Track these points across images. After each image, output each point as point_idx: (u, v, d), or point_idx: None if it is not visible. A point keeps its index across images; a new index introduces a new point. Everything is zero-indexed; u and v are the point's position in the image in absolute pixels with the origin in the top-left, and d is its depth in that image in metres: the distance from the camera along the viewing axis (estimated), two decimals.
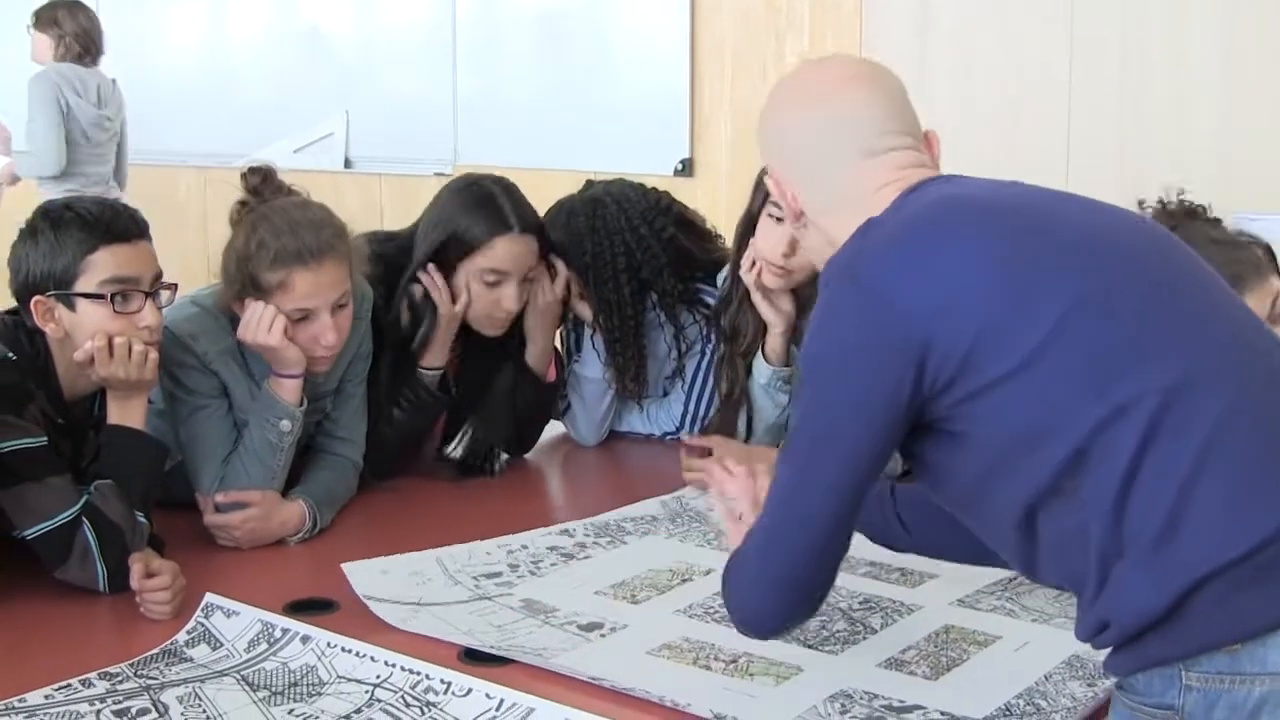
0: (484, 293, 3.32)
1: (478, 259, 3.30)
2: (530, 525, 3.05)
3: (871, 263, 1.98)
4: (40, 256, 2.69)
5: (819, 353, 2.01)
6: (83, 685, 2.27)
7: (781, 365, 3.39)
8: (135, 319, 2.71)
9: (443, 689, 2.21)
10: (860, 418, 1.97)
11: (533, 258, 3.35)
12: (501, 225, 3.30)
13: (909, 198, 2.06)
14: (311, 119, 6.33)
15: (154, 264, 2.77)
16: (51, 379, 2.74)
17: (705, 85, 5.19)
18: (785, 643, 2.43)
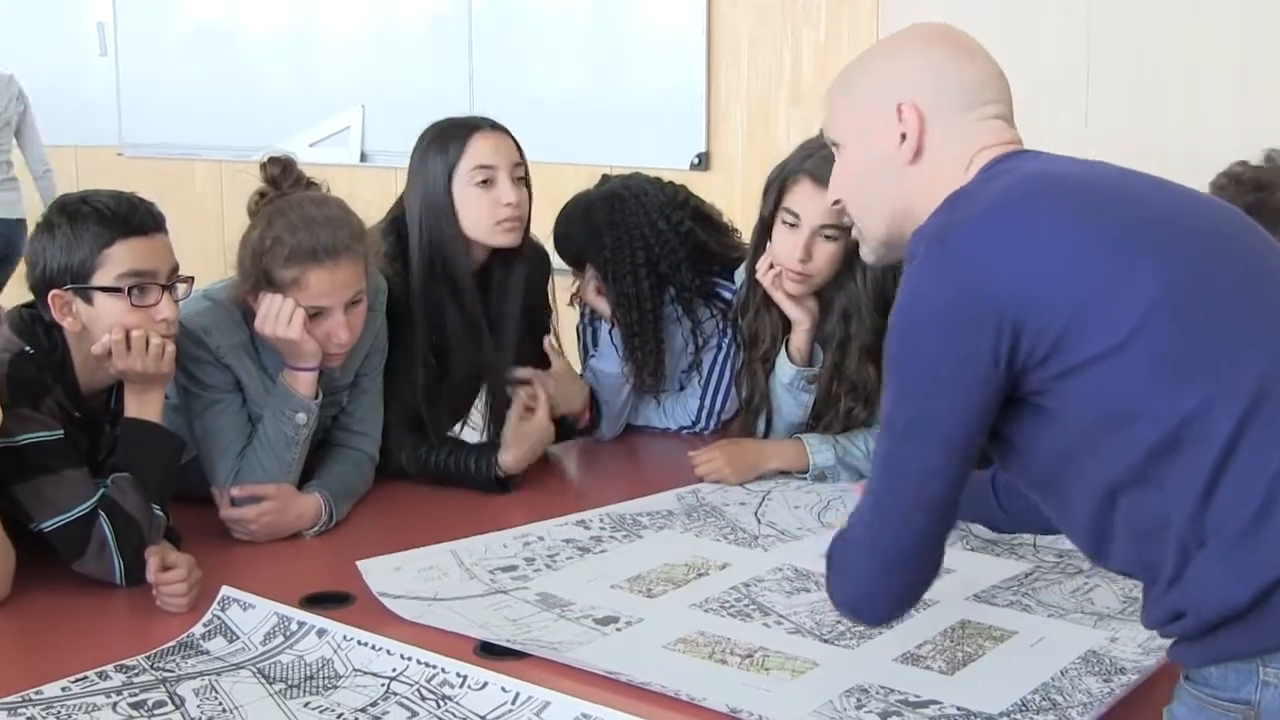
0: (478, 198, 3.31)
1: (461, 165, 3.31)
2: (546, 517, 3.05)
3: (964, 233, 1.94)
4: (57, 250, 2.70)
5: (911, 325, 1.96)
6: (99, 678, 2.28)
7: (805, 364, 3.39)
8: (152, 312, 2.72)
9: (458, 682, 2.22)
10: (957, 390, 1.93)
11: (515, 153, 3.35)
12: (472, 127, 3.34)
13: (997, 169, 2.04)
14: (327, 113, 6.33)
15: (170, 257, 2.77)
16: (68, 373, 2.75)
17: (721, 79, 5.18)
18: (801, 637, 2.43)
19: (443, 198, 3.31)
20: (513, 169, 3.33)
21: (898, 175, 2.10)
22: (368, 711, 2.18)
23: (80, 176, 7.08)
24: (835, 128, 2.22)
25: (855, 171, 2.18)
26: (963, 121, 2.08)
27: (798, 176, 3.25)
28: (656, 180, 3.71)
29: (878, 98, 2.12)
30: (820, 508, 3.14)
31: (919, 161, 2.08)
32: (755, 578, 2.72)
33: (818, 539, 2.87)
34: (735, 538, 2.96)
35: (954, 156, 2.07)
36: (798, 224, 3.25)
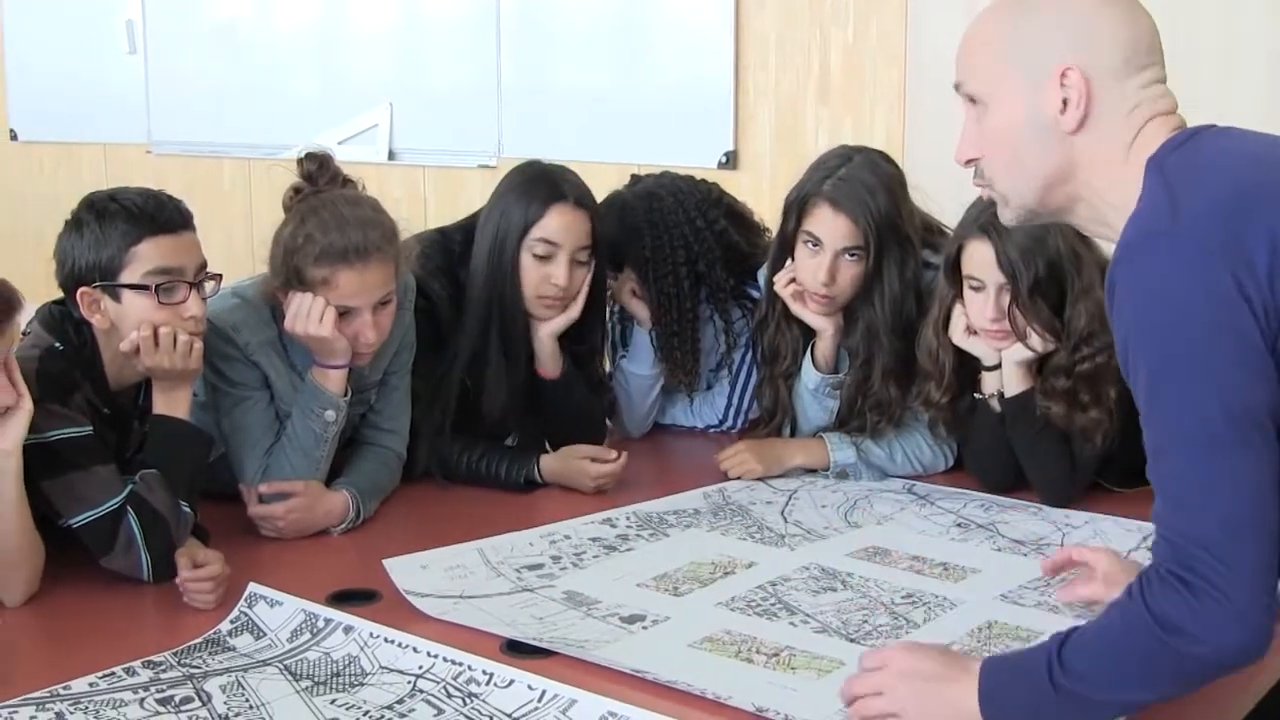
0: (534, 267, 3.29)
1: (531, 231, 3.27)
2: (572, 516, 3.05)
3: (1188, 219, 1.82)
4: (85, 248, 2.71)
5: (1163, 325, 1.81)
6: (126, 674, 2.29)
7: (830, 371, 3.39)
8: (179, 310, 2.72)
9: (485, 680, 2.22)
10: (1243, 358, 1.78)
11: (585, 236, 3.32)
12: (555, 195, 3.29)
13: (1197, 147, 1.94)
14: (355, 111, 6.33)
15: (198, 254, 2.77)
16: (97, 369, 2.76)
17: (749, 77, 5.17)
18: (827, 636, 2.43)
19: (512, 254, 3.29)
20: (576, 251, 3.30)
21: (1057, 143, 1.99)
22: (394, 709, 2.18)
23: (109, 174, 7.09)
24: (975, 82, 2.07)
25: (1001, 133, 2.04)
26: (1130, 87, 1.98)
27: (817, 200, 3.25)
28: (690, 178, 3.70)
29: (1034, 57, 1.99)
30: (847, 507, 3.14)
31: (1082, 130, 1.98)
32: (782, 576, 2.72)
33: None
34: (762, 536, 2.96)
35: (1122, 125, 1.97)
36: (820, 247, 3.26)
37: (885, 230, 3.24)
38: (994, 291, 3.02)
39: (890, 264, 3.27)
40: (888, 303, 3.28)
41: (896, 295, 3.28)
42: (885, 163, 3.31)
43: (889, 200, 3.24)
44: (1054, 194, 2.03)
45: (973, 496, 3.19)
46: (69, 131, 7.44)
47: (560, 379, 3.39)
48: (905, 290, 3.29)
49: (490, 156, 5.74)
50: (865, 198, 3.23)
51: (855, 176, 3.24)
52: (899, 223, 3.26)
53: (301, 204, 2.99)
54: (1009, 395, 3.11)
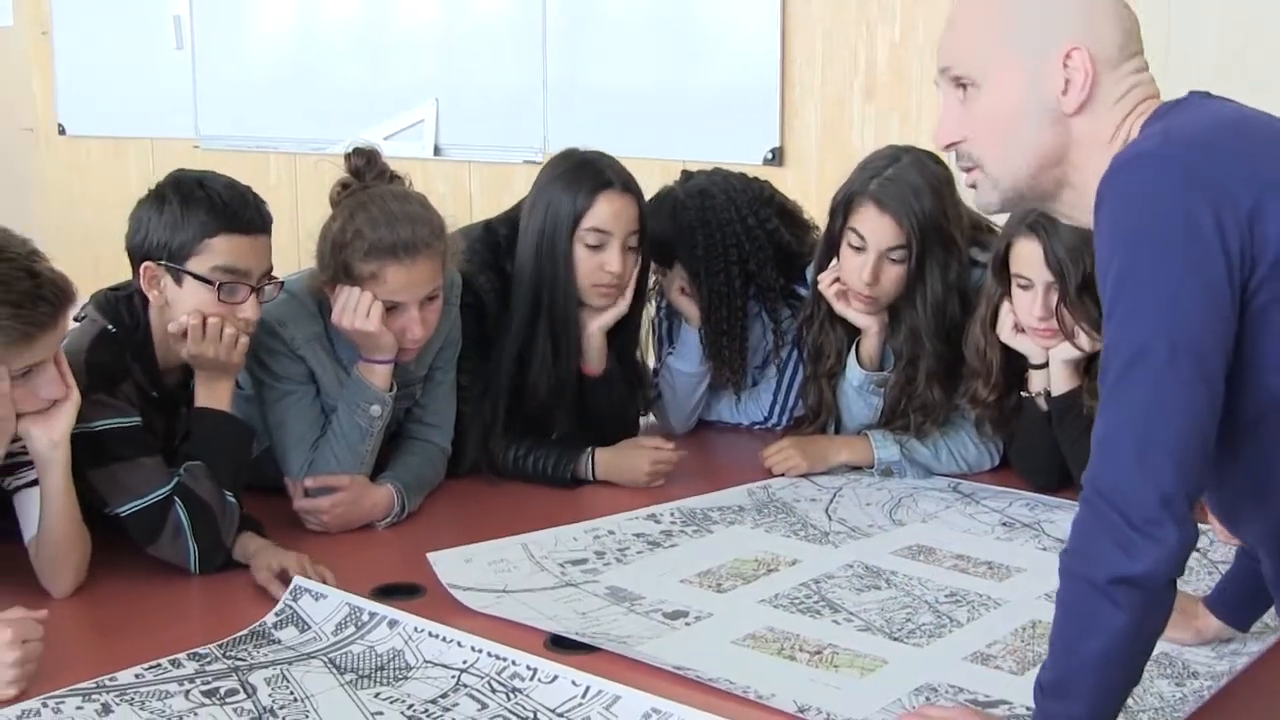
0: (587, 257, 3.28)
1: (582, 222, 3.27)
2: (616, 511, 3.06)
3: (1179, 145, 1.81)
4: (162, 225, 2.73)
5: (1137, 229, 1.77)
6: (172, 665, 2.30)
7: (875, 369, 3.39)
8: (236, 309, 2.74)
9: (529, 675, 2.22)
10: (1205, 296, 1.74)
11: (634, 221, 3.31)
12: (602, 183, 3.28)
13: (1176, 109, 1.94)
14: (401, 106, 6.33)
15: (267, 259, 2.79)
16: (148, 352, 2.79)
17: (795, 74, 5.15)
18: (870, 634, 2.43)
19: (564, 245, 3.28)
20: (627, 237, 3.30)
21: (1052, 124, 1.96)
22: (438, 703, 2.19)
23: (156, 169, 7.11)
24: (965, 62, 2.02)
25: (995, 115, 1.99)
26: (1123, 71, 1.96)
27: (862, 199, 3.25)
28: (742, 176, 3.70)
29: (1036, 38, 1.96)
30: (891, 505, 3.14)
31: (1081, 113, 1.95)
32: (825, 574, 2.72)
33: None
34: (806, 534, 2.96)
35: (1115, 109, 1.95)
36: (864, 247, 3.26)
37: (929, 231, 3.23)
38: (1042, 290, 3.01)
39: (933, 266, 3.26)
40: (930, 304, 3.28)
41: (939, 297, 3.27)
42: (933, 163, 3.29)
43: (934, 201, 3.23)
44: (1045, 176, 2.00)
45: (1018, 495, 3.18)
46: (117, 126, 7.48)
47: (603, 376, 3.39)
48: (948, 292, 3.28)
49: (536, 152, 5.74)
50: (910, 199, 3.22)
51: (901, 177, 3.23)
52: (943, 224, 3.25)
53: (349, 199, 3.00)
54: (1056, 394, 3.10)
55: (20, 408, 2.45)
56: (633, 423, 3.52)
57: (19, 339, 2.36)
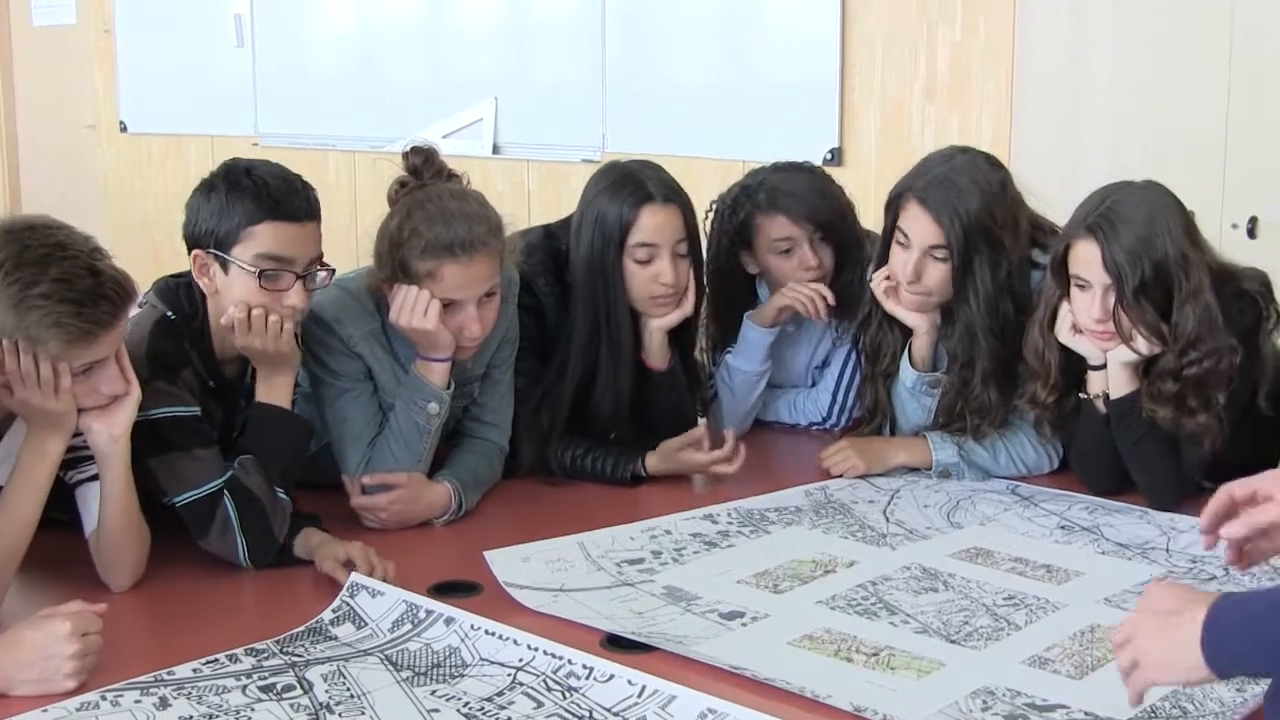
0: (639, 271, 3.29)
1: (628, 237, 3.27)
2: (673, 511, 3.05)
3: None
4: (210, 213, 2.76)
5: None
6: (230, 660, 2.31)
7: (928, 370, 3.37)
8: (280, 297, 2.75)
9: (585, 674, 2.22)
10: None
11: (680, 229, 3.31)
12: (643, 197, 3.28)
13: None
14: (460, 105, 6.35)
15: (314, 247, 2.80)
16: (206, 339, 2.81)
17: (855, 74, 5.14)
18: (928, 637, 2.42)
19: (613, 263, 3.29)
20: (675, 245, 3.30)
21: None
22: (494, 701, 2.19)
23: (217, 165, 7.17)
24: None
25: None
26: None
27: (908, 197, 3.25)
28: None
29: None
30: (949, 507, 3.12)
31: None
32: (883, 576, 2.71)
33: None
34: (863, 535, 2.95)
35: None
36: (908, 244, 3.26)
37: (974, 232, 3.20)
38: (1099, 292, 2.99)
39: (981, 266, 3.23)
40: (981, 303, 3.26)
41: (990, 297, 3.24)
42: (988, 165, 3.28)
43: (982, 203, 3.21)
44: None
45: (1077, 499, 3.16)
46: (177, 124, 7.54)
47: (667, 372, 3.39)
48: (999, 293, 3.25)
49: (594, 151, 5.75)
50: (954, 199, 3.21)
51: (949, 177, 3.23)
52: (990, 225, 3.22)
53: (407, 198, 3.01)
54: (1114, 397, 3.08)
55: (81, 403, 2.47)
56: (690, 421, 3.51)
57: (81, 337, 2.38)
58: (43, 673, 2.18)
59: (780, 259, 3.56)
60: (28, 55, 8.61)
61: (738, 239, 3.60)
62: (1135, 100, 4.60)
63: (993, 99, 4.88)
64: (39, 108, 8.63)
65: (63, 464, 2.52)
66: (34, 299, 2.34)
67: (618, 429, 3.39)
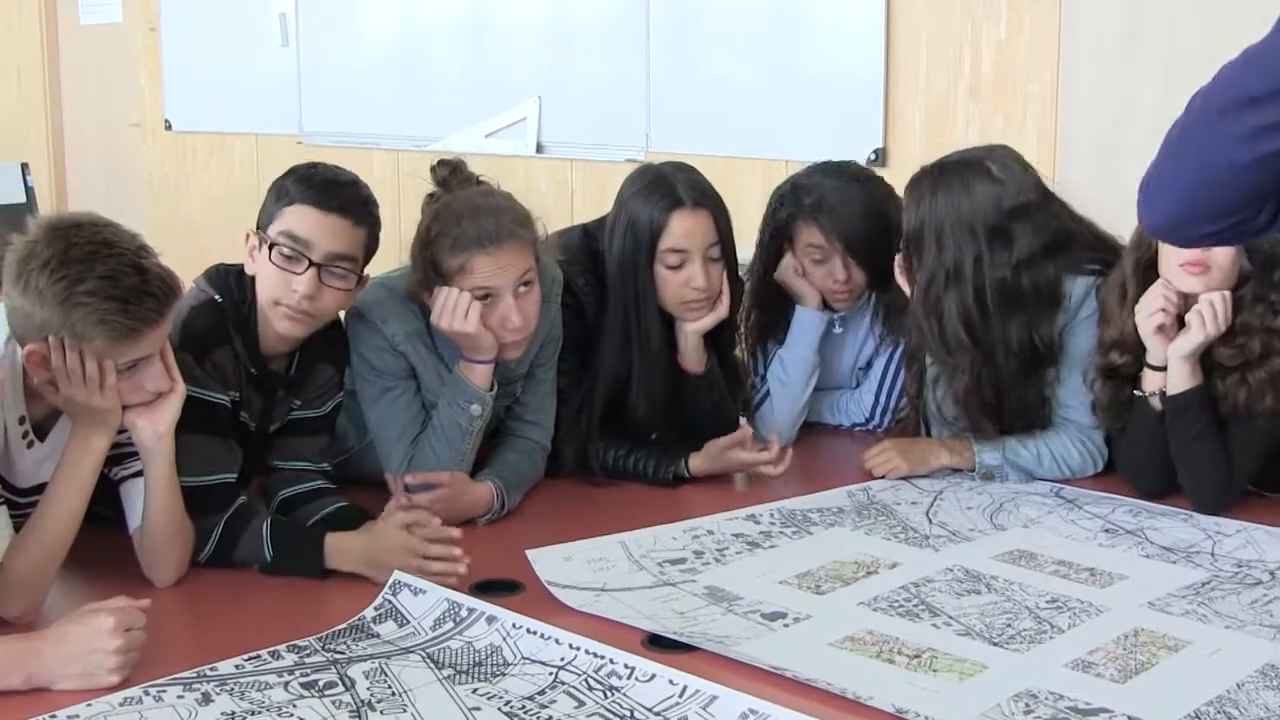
0: (671, 276, 3.29)
1: (659, 243, 3.27)
2: (715, 511, 3.05)
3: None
4: (268, 198, 2.83)
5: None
6: (272, 657, 2.32)
7: None
8: (291, 279, 2.76)
9: (626, 674, 2.22)
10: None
11: (711, 233, 3.30)
12: (673, 203, 3.28)
13: None
14: (504, 104, 6.36)
15: (338, 241, 2.79)
16: (251, 327, 2.82)
17: (900, 73, 5.13)
18: (970, 639, 2.41)
19: (645, 269, 3.29)
20: (706, 250, 3.29)
21: None
22: (535, 700, 2.19)
23: (260, 164, 7.19)
24: None
25: None
26: None
27: None
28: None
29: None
30: (993, 509, 3.11)
31: None
32: (925, 578, 2.70)
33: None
34: (906, 537, 2.94)
35: None
36: None
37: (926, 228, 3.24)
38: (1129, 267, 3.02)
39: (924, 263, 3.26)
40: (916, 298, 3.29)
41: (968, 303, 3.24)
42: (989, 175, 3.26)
43: (950, 201, 3.22)
44: None
45: (1121, 501, 3.15)
46: (222, 122, 7.57)
47: (705, 374, 3.39)
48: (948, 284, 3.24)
49: (638, 150, 5.75)
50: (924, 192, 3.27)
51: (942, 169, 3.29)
52: (951, 226, 3.22)
53: (436, 203, 3.04)
54: (1172, 393, 3.06)
55: (126, 400, 2.48)
56: (732, 422, 3.50)
57: (126, 335, 2.39)
58: (86, 667, 2.19)
59: (812, 265, 3.55)
60: (75, 54, 8.66)
61: (780, 236, 3.60)
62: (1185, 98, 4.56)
63: (1038, 97, 4.85)
64: (85, 106, 8.68)
65: (108, 460, 2.53)
66: (80, 296, 2.35)
67: (656, 430, 3.39)
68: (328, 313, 2.84)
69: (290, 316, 2.78)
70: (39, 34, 8.67)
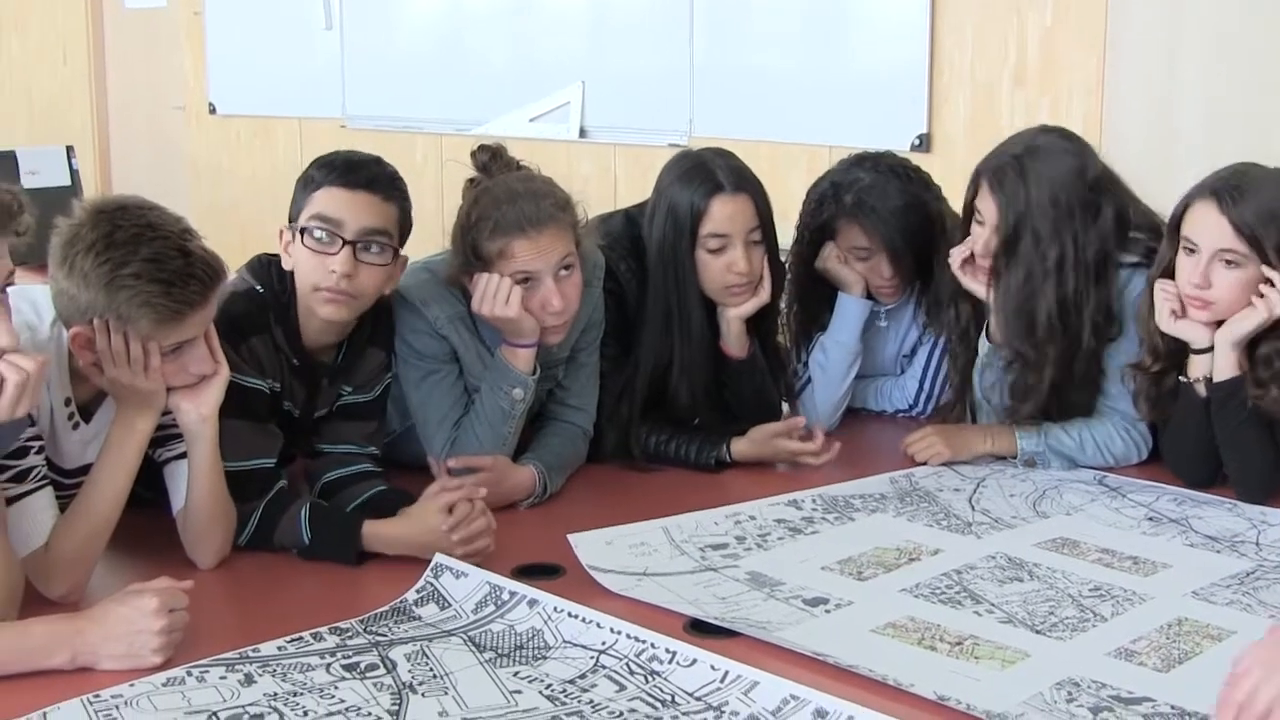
0: (712, 261, 3.29)
1: (700, 228, 3.27)
2: (757, 496, 3.05)
3: None
4: (296, 194, 2.84)
5: None
6: (314, 639, 2.32)
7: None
8: (328, 262, 2.77)
9: (667, 658, 2.22)
10: None
11: (752, 218, 3.30)
12: (713, 188, 3.27)
13: None
14: (547, 88, 6.35)
15: (368, 216, 2.80)
16: (291, 317, 2.83)
17: (944, 59, 5.09)
18: (1013, 627, 2.40)
19: (686, 254, 3.29)
20: (748, 234, 3.29)
21: None
22: (576, 684, 2.19)
23: (304, 148, 7.20)
24: None
25: None
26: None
27: (983, 177, 3.26)
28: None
29: None
30: (1035, 497, 3.10)
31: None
32: (967, 565, 2.69)
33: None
34: (948, 524, 2.93)
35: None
36: (982, 221, 3.26)
37: (1028, 217, 3.19)
38: (1205, 258, 2.97)
39: (1029, 250, 3.21)
40: (1017, 287, 3.22)
41: (1028, 281, 3.22)
42: (1066, 151, 3.24)
43: (1046, 187, 3.18)
44: None
45: (1165, 490, 3.13)
46: (266, 106, 7.57)
47: (747, 359, 3.38)
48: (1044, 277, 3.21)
49: (682, 136, 5.73)
50: (1018, 184, 3.19)
51: (1021, 160, 3.21)
52: (1050, 210, 3.18)
53: (476, 188, 3.03)
54: (1218, 380, 3.04)
55: (170, 382, 2.49)
56: (775, 408, 3.50)
57: (170, 317, 2.39)
58: (130, 647, 2.20)
59: (856, 261, 3.54)
60: (120, 37, 8.68)
61: (820, 235, 3.58)
62: (1233, 85, 4.53)
63: (1083, 84, 4.82)
64: (130, 89, 8.70)
65: (151, 442, 2.54)
66: (124, 279, 2.36)
67: (699, 415, 3.39)
68: (368, 293, 2.83)
69: (331, 299, 2.78)
70: (84, 17, 8.69)
